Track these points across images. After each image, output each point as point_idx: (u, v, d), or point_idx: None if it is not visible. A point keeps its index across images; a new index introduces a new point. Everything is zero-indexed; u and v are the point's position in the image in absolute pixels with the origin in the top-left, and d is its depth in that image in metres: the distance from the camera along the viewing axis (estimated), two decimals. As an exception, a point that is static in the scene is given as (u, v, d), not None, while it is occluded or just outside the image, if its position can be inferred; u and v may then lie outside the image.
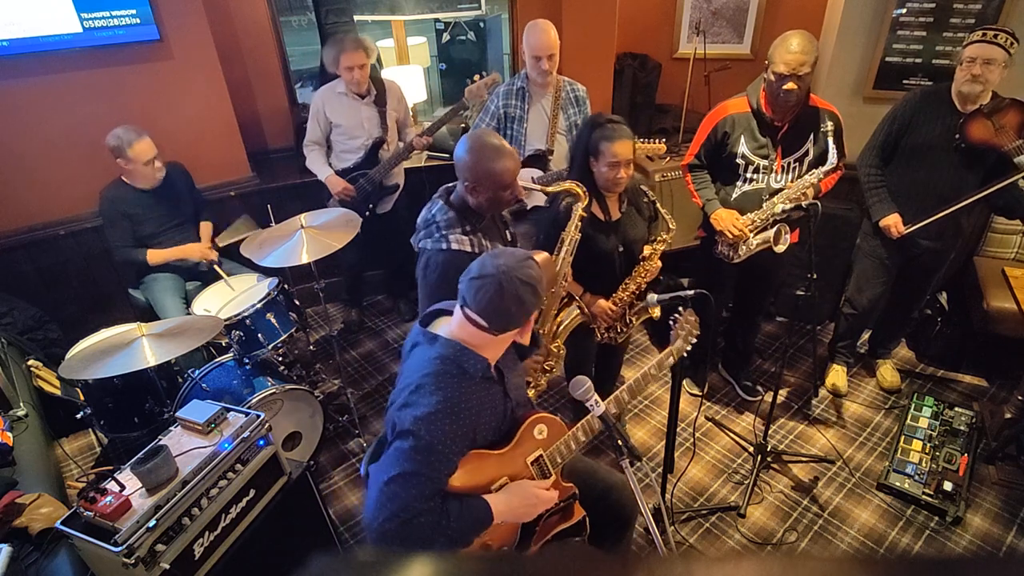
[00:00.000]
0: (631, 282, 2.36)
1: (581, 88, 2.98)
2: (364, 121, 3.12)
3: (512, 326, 1.47)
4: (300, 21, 9.03)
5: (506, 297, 1.39)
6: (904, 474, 2.59)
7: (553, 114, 2.94)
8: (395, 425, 1.43)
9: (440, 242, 1.86)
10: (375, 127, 3.14)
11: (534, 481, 1.57)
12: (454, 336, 1.48)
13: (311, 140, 3.16)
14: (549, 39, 2.78)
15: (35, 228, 3.09)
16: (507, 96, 2.97)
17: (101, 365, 2.16)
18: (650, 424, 3.00)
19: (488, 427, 1.50)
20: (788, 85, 2.25)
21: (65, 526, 1.58)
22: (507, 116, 2.99)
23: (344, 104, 3.08)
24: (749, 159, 2.46)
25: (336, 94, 3.07)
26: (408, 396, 1.44)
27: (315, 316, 3.77)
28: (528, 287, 1.41)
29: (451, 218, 1.88)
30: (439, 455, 1.38)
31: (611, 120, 2.15)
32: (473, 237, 1.88)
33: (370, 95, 3.10)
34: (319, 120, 3.11)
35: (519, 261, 1.43)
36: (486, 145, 1.84)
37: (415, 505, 1.34)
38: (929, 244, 2.68)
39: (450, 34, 5.27)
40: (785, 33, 2.28)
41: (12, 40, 2.74)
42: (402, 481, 1.35)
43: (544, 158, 3.00)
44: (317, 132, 3.14)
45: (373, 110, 3.12)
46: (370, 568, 0.37)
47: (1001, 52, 2.27)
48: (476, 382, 1.46)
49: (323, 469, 2.76)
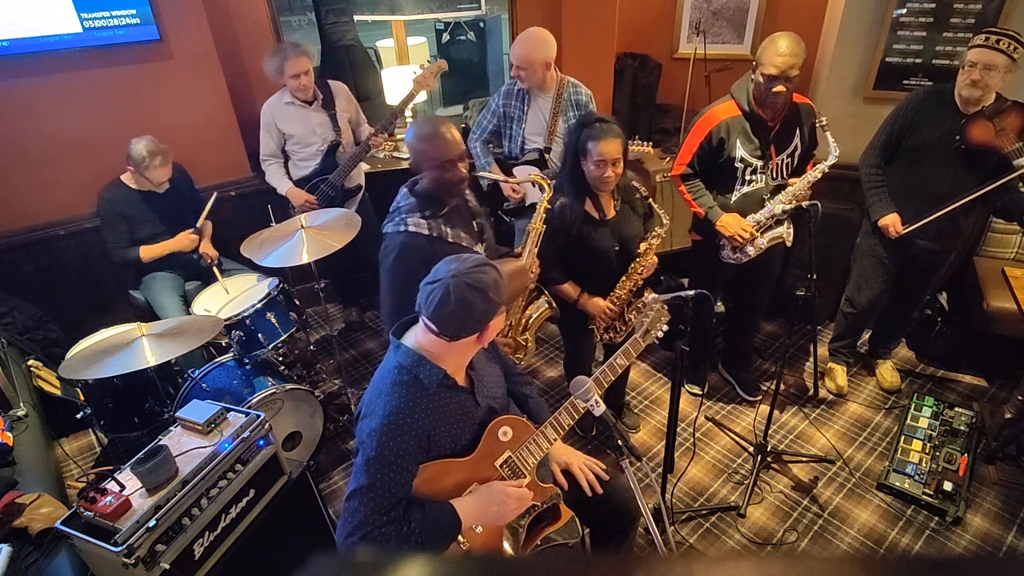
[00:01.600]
0: (627, 279, 2.36)
1: (585, 92, 2.97)
2: (316, 127, 3.11)
3: (464, 333, 1.42)
4: (300, 21, 9.04)
5: (452, 302, 1.37)
6: (904, 474, 2.59)
7: (553, 115, 2.93)
8: (358, 437, 1.47)
9: (399, 225, 1.90)
10: (328, 131, 3.13)
11: (505, 482, 1.56)
12: (418, 344, 1.49)
13: (267, 154, 3.15)
14: (519, 49, 2.78)
15: (35, 228, 3.08)
16: (507, 96, 2.98)
17: (101, 365, 2.16)
18: (650, 424, 3.00)
19: (449, 435, 1.49)
20: (778, 87, 2.26)
21: (65, 526, 1.58)
22: (506, 115, 3.01)
23: (293, 113, 3.07)
24: (747, 161, 2.46)
25: (284, 104, 3.06)
26: (368, 406, 1.47)
27: (315, 316, 3.77)
28: (478, 292, 1.37)
29: (412, 203, 1.93)
30: (392, 466, 1.38)
31: (600, 119, 2.15)
32: (432, 221, 1.90)
33: (317, 100, 3.09)
34: (271, 133, 3.10)
35: (471, 266, 1.40)
36: (421, 126, 1.90)
37: (375, 518, 1.35)
38: (928, 244, 2.68)
39: (450, 34, 5.27)
40: (772, 35, 2.28)
41: (12, 40, 2.74)
42: (360, 496, 1.37)
43: (542, 158, 3.00)
44: (271, 145, 3.13)
45: (323, 114, 3.11)
46: (370, 568, 0.37)
47: (1003, 58, 2.25)
48: (432, 392, 1.46)
49: (323, 469, 2.76)
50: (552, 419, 1.64)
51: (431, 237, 1.88)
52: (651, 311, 1.88)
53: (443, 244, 1.90)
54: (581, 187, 2.23)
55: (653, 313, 1.88)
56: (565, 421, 1.65)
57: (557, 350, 3.50)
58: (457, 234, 1.94)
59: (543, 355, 3.49)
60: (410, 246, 1.86)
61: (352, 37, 4.68)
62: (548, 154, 2.99)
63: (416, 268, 1.80)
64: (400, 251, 1.87)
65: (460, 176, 1.91)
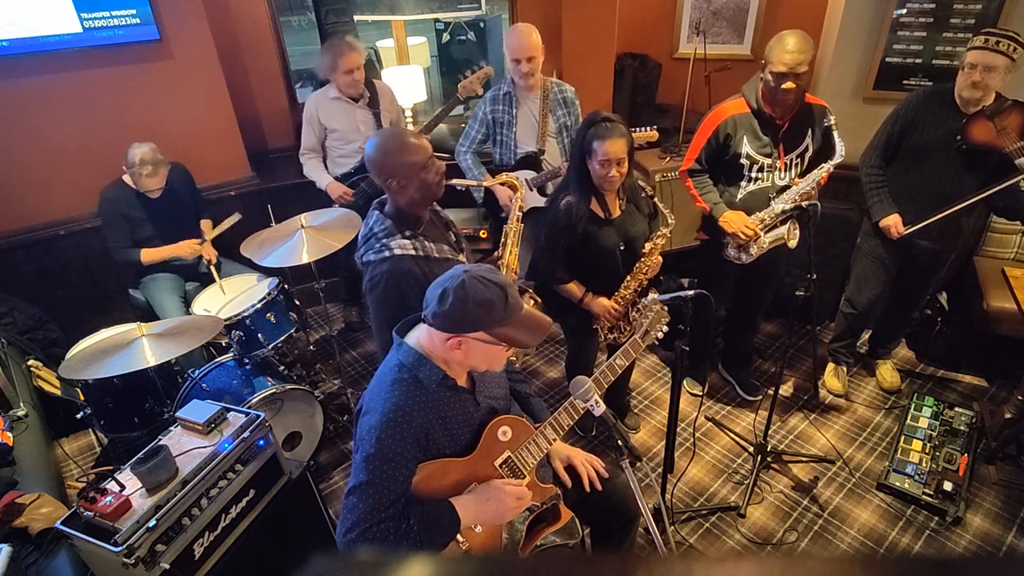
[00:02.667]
0: (632, 279, 2.36)
1: (569, 89, 2.97)
2: (360, 124, 3.11)
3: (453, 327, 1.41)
4: (300, 21, 9.03)
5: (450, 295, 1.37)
6: (904, 474, 2.59)
7: (542, 116, 2.93)
8: (357, 434, 1.47)
9: (382, 251, 1.79)
10: (371, 129, 3.13)
11: (503, 480, 1.56)
12: (419, 343, 1.49)
13: (307, 147, 3.16)
14: (528, 41, 2.77)
15: (35, 228, 3.08)
16: (494, 102, 2.97)
17: (101, 365, 2.16)
18: (650, 424, 3.00)
19: (448, 434, 1.49)
20: (787, 84, 2.26)
21: (65, 526, 1.58)
22: (495, 121, 2.98)
23: (338, 108, 3.07)
24: (753, 158, 2.46)
25: (329, 99, 3.07)
26: (368, 403, 1.47)
27: (315, 316, 3.77)
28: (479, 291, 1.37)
29: (389, 226, 1.83)
30: (391, 463, 1.38)
31: (606, 119, 2.14)
32: (415, 241, 1.82)
33: (364, 98, 3.10)
34: (313, 126, 3.10)
35: (483, 271, 1.41)
36: (387, 138, 1.85)
37: (374, 514, 1.36)
38: (929, 245, 2.68)
39: (450, 34, 5.26)
40: (780, 33, 2.29)
41: (12, 40, 2.74)
42: (359, 492, 1.37)
43: (536, 159, 3.00)
44: (312, 139, 3.14)
45: (368, 113, 3.12)
46: (370, 568, 0.37)
47: (1003, 59, 2.25)
48: (431, 391, 1.46)
49: (323, 469, 2.76)
50: (552, 419, 1.64)
51: (418, 257, 1.81)
52: (651, 312, 1.88)
53: (431, 262, 1.83)
54: (587, 186, 2.23)
55: (653, 314, 1.88)
56: (565, 421, 1.65)
57: (558, 350, 3.50)
58: (440, 248, 1.88)
59: (543, 355, 3.49)
60: (399, 272, 1.77)
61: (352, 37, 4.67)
62: (542, 155, 2.99)
63: (409, 293, 1.74)
64: (390, 279, 1.78)
65: (439, 172, 1.85)
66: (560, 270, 2.36)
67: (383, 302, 1.80)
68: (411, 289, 1.74)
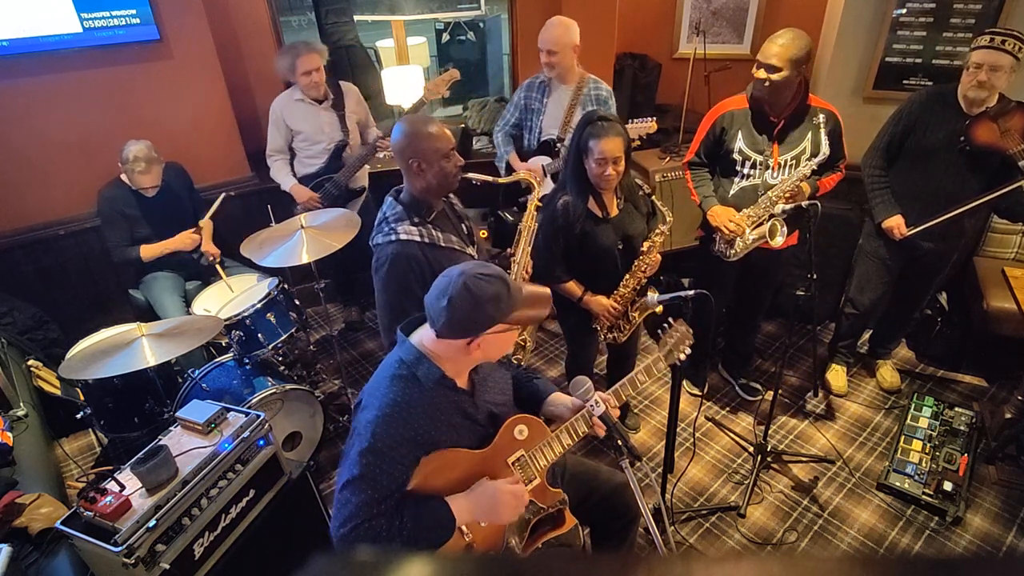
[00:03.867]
0: (631, 278, 2.36)
1: (606, 88, 2.99)
2: (324, 126, 3.11)
3: (449, 333, 1.40)
4: (300, 21, 9.03)
5: (446, 298, 1.37)
6: (904, 474, 2.59)
7: (570, 107, 2.96)
8: (353, 427, 1.47)
9: (389, 235, 1.86)
10: (336, 131, 3.13)
11: (502, 479, 1.55)
12: (420, 342, 1.49)
13: (273, 149, 3.16)
14: (548, 34, 2.83)
15: (35, 228, 3.08)
16: (529, 88, 3.07)
17: (101, 365, 2.16)
18: (650, 424, 3.00)
19: (447, 434, 1.49)
20: (760, 73, 2.30)
21: (65, 526, 1.59)
22: (527, 107, 3.08)
23: (303, 110, 3.07)
24: (746, 154, 2.47)
25: (294, 101, 3.07)
26: (367, 398, 1.48)
27: (315, 316, 3.77)
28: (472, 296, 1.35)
29: (399, 212, 1.90)
30: (385, 458, 1.38)
31: (603, 118, 2.15)
32: (422, 228, 1.87)
33: (327, 99, 3.10)
34: (279, 128, 3.11)
35: (478, 272, 1.39)
36: (414, 122, 1.89)
37: (366, 509, 1.35)
38: (931, 246, 2.67)
39: (450, 34, 5.27)
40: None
41: (12, 40, 2.74)
42: (353, 486, 1.37)
43: (554, 146, 3.02)
44: (279, 141, 3.14)
45: (332, 114, 3.12)
46: (370, 568, 0.37)
47: (1008, 58, 2.24)
48: (428, 389, 1.46)
49: (323, 469, 2.75)
50: (567, 425, 1.63)
51: (423, 243, 1.86)
52: (676, 333, 1.84)
53: (436, 250, 1.88)
54: (584, 185, 2.23)
55: (678, 335, 1.84)
56: (580, 429, 1.64)
57: (558, 349, 3.50)
58: (448, 238, 1.92)
59: (543, 354, 3.49)
60: (403, 255, 1.83)
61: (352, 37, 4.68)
62: (560, 143, 3.00)
63: (411, 277, 1.80)
64: (393, 261, 1.84)
65: (458, 165, 1.90)
66: (559, 269, 2.36)
67: (386, 284, 1.86)
68: (413, 273, 1.81)
